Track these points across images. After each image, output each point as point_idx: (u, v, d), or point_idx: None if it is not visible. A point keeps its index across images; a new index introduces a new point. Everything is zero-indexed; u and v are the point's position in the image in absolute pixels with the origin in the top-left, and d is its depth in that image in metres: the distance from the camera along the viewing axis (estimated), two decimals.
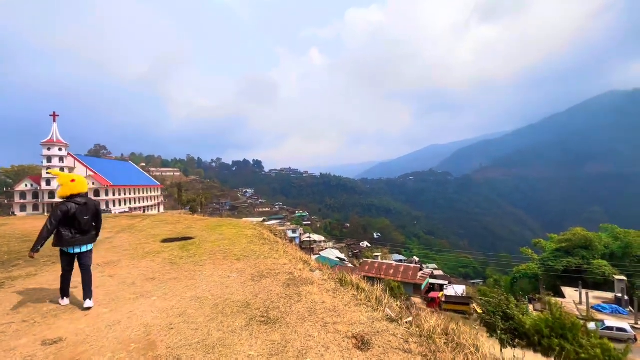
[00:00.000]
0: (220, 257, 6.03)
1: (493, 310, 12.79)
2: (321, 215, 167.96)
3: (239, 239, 7.84)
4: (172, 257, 6.11)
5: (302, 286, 4.13)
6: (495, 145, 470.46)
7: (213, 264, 5.57)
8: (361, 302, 3.80)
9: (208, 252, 6.46)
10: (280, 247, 7.20)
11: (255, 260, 5.70)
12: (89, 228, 4.03)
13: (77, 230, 3.91)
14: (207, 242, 7.53)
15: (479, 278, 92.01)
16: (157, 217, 14.73)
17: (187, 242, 7.62)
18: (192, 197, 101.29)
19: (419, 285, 36.03)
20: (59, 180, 4.14)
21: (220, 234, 8.61)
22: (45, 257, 6.21)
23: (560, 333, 10.66)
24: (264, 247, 6.86)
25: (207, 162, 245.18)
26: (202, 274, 5.01)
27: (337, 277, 5.79)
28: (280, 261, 5.60)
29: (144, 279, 4.85)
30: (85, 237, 3.98)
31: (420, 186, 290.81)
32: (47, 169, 59.84)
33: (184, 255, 6.25)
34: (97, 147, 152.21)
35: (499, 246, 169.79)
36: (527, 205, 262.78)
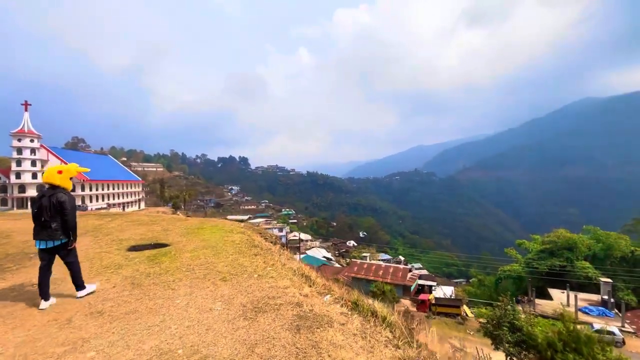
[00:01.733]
0: (200, 274, 4.62)
1: (499, 320, 11.94)
2: (308, 214, 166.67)
3: (225, 246, 6.46)
4: (136, 275, 4.67)
5: (318, 330, 2.81)
6: (477, 147, 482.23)
7: (190, 286, 4.15)
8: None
9: (185, 266, 5.04)
10: (275, 258, 5.89)
11: (246, 280, 4.30)
12: (44, 222, 3.81)
13: (36, 222, 3.85)
14: (185, 251, 6.10)
15: (462, 277, 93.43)
16: (131, 217, 13.05)
17: (159, 250, 6.17)
18: (175, 193, 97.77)
19: (408, 286, 35.40)
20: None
21: (201, 240, 7.19)
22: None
23: (574, 347, 9.89)
24: (256, 259, 5.50)
25: (192, 158, 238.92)
26: (174, 303, 3.58)
27: (350, 300, 4.57)
28: (279, 282, 4.24)
29: (87, 312, 3.41)
30: (42, 231, 3.83)
31: (406, 186, 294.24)
32: (16, 162, 56.00)
33: (152, 271, 4.82)
34: (75, 140, 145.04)
35: (481, 246, 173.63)
36: (507, 206, 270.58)
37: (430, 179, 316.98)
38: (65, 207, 3.90)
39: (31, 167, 57.08)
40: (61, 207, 3.85)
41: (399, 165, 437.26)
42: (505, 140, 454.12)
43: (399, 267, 38.87)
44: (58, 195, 3.92)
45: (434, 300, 31.27)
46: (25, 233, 8.76)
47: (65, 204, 3.90)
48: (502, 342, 11.26)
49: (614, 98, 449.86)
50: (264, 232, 10.93)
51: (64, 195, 3.99)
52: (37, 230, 3.89)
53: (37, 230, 3.89)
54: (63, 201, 3.88)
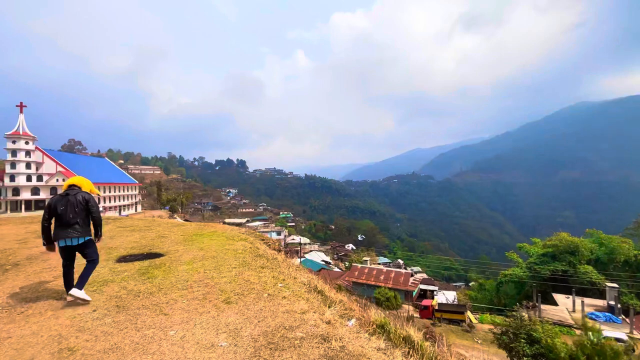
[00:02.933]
0: (199, 293, 3.88)
1: (515, 331, 11.25)
2: (306, 217, 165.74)
3: (226, 256, 5.74)
4: (123, 294, 3.92)
5: None
6: (474, 150, 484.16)
7: (187, 310, 3.40)
8: None
9: (181, 282, 4.30)
10: (284, 270, 5.18)
11: (255, 302, 3.56)
12: (70, 220, 3.88)
13: (59, 222, 3.89)
14: (181, 262, 5.36)
15: (461, 281, 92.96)
16: (124, 222, 12.27)
17: (152, 262, 5.43)
18: (172, 196, 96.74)
19: (410, 292, 34.64)
20: None
21: (200, 249, 6.46)
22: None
23: None
24: (263, 272, 4.78)
25: (190, 161, 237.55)
26: (166, 336, 2.82)
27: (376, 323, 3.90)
28: (295, 305, 3.51)
29: (54, 350, 2.65)
30: (68, 230, 3.86)
31: (404, 189, 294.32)
32: (10, 164, 54.89)
33: (142, 289, 4.07)
34: (72, 143, 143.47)
35: (479, 249, 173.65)
36: (504, 209, 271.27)
37: (427, 182, 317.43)
38: (92, 204, 4.09)
39: (25, 170, 55.96)
40: (87, 204, 4.03)
41: (396, 168, 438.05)
42: (502, 144, 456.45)
43: (401, 272, 38.12)
44: (83, 193, 4.12)
45: (437, 306, 30.51)
46: (7, 241, 7.98)
47: (92, 201, 4.13)
48: (519, 355, 10.58)
49: (609, 102, 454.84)
50: (267, 238, 10.21)
51: (88, 194, 4.21)
52: (61, 230, 3.87)
53: (60, 229, 3.88)
54: (89, 199, 4.09)
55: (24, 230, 9.97)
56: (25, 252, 6.50)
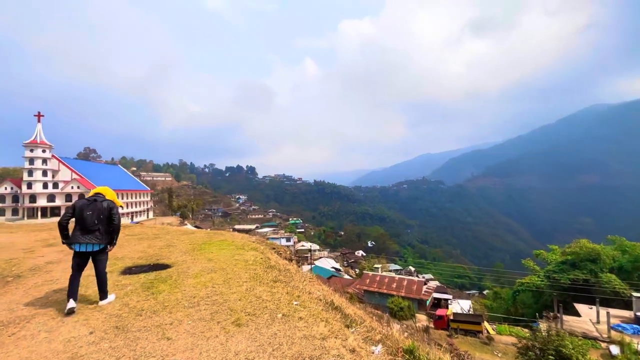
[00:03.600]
0: (206, 313, 3.50)
1: (542, 347, 10.51)
2: (315, 223, 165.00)
3: (236, 269, 5.38)
4: (124, 313, 3.58)
5: None
6: (486, 155, 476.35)
7: (192, 333, 3.02)
8: None
9: (187, 299, 3.94)
10: (298, 284, 4.78)
11: (268, 325, 3.15)
12: (93, 226, 3.95)
13: (80, 226, 3.92)
14: (189, 275, 5.02)
15: (475, 289, 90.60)
16: (134, 229, 12.11)
17: (158, 274, 5.11)
18: (183, 203, 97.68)
19: (424, 300, 33.60)
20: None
21: (208, 259, 6.13)
22: None
23: None
24: (276, 287, 4.39)
25: (200, 168, 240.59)
26: None
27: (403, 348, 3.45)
28: (313, 328, 3.09)
29: None
30: (88, 235, 3.91)
31: (414, 194, 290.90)
32: (28, 172, 56.36)
33: (145, 306, 3.74)
34: (87, 151, 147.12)
35: (492, 256, 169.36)
36: (518, 214, 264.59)
37: (438, 187, 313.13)
38: (115, 213, 4.22)
39: (42, 177, 57.33)
40: (110, 212, 4.14)
41: (406, 174, 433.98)
42: (515, 148, 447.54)
43: (414, 280, 37.09)
44: (108, 201, 4.25)
45: (452, 315, 29.43)
46: (14, 249, 7.83)
47: (115, 209, 4.27)
48: None
49: (626, 104, 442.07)
50: (277, 246, 9.84)
51: (112, 202, 4.31)
52: (81, 234, 3.91)
53: (80, 233, 3.92)
54: (112, 207, 4.22)
55: (33, 238, 9.88)
56: (30, 262, 6.30)
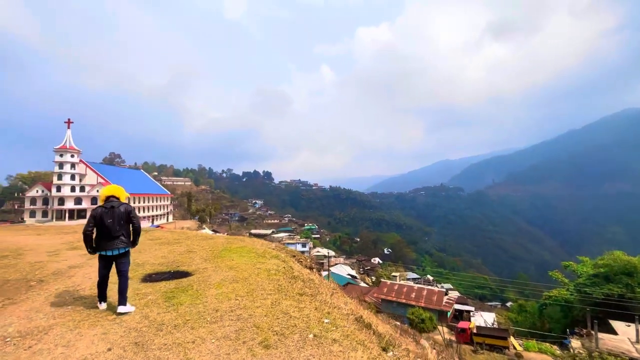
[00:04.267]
0: (230, 330, 3.21)
1: None
2: (330, 229, 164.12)
3: (259, 278, 5.11)
4: (143, 327, 3.36)
5: None
6: (508, 161, 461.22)
7: (216, 355, 2.72)
8: None
9: (209, 312, 3.69)
10: (326, 298, 4.44)
11: (299, 348, 2.76)
12: (117, 232, 4.05)
13: (104, 233, 4.02)
14: (210, 285, 4.79)
15: (497, 300, 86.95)
16: (154, 233, 12.16)
17: (179, 282, 4.92)
18: (201, 207, 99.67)
19: (444, 312, 32.28)
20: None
21: (230, 267, 5.90)
22: None
23: None
24: (303, 302, 4.08)
25: (218, 173, 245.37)
26: None
27: None
28: (351, 355, 2.71)
29: None
30: (114, 240, 4.03)
31: (431, 201, 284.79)
32: (57, 176, 59.00)
33: (165, 319, 3.51)
34: (112, 156, 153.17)
35: (515, 266, 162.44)
36: (543, 223, 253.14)
37: (457, 194, 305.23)
38: (134, 216, 4.29)
39: (70, 181, 59.87)
40: (129, 216, 4.21)
41: (423, 180, 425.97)
42: (539, 154, 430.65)
43: (434, 290, 35.78)
44: (124, 205, 4.26)
45: (475, 329, 28.04)
46: (40, 252, 7.91)
47: (133, 212, 4.30)
48: None
49: None
50: (298, 254, 9.54)
51: (128, 205, 4.32)
52: (106, 240, 4.03)
53: (105, 240, 4.03)
54: (131, 210, 4.26)
55: (59, 240, 10.04)
56: (53, 266, 6.29)
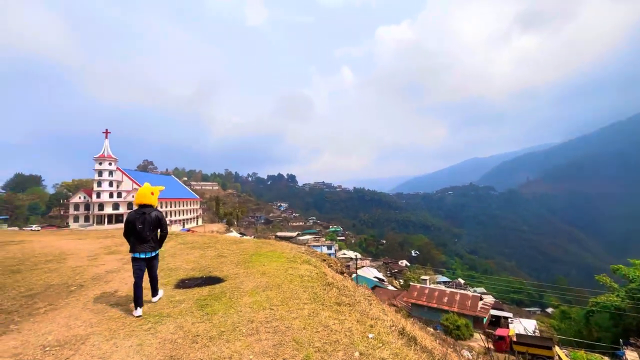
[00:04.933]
0: (268, 345, 2.97)
1: None
2: (355, 231, 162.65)
3: (292, 285, 4.89)
4: (178, 338, 3.20)
5: None
6: (543, 158, 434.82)
7: None
8: None
9: (244, 323, 3.50)
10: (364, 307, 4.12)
11: None
12: (147, 237, 4.44)
13: (136, 237, 4.44)
14: (243, 292, 4.64)
15: (534, 306, 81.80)
16: (185, 237, 12.38)
17: (212, 289, 4.81)
18: (228, 210, 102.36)
19: (480, 318, 30.60)
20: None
21: (262, 273, 5.74)
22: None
23: None
24: (342, 312, 3.79)
25: (244, 177, 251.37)
26: None
27: None
28: None
29: None
30: (144, 244, 4.44)
31: (460, 201, 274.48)
32: (97, 183, 62.86)
33: (200, 330, 3.36)
34: (145, 163, 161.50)
35: (554, 269, 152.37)
36: (584, 223, 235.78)
37: (488, 194, 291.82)
38: (164, 222, 4.66)
39: (108, 187, 63.65)
40: (159, 222, 4.57)
41: (451, 180, 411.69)
42: (578, 149, 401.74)
43: (468, 295, 34.09)
44: (155, 212, 4.61)
45: (515, 337, 26.26)
46: (80, 256, 8.22)
47: (163, 219, 4.66)
48: None
49: None
50: (328, 258, 9.26)
51: (158, 211, 4.68)
52: (139, 244, 4.44)
53: (137, 243, 4.44)
54: (161, 217, 4.63)
55: (98, 245, 10.45)
56: (92, 270, 6.45)
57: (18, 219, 79.59)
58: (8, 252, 8.91)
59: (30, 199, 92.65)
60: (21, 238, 12.78)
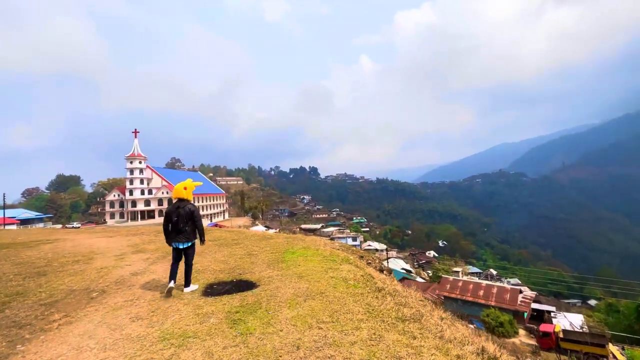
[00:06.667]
0: None
1: None
2: (379, 222, 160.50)
3: (338, 293, 4.08)
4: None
5: None
6: (580, 140, 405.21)
7: None
8: None
9: (289, 350, 2.64)
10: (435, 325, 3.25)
11: None
12: (181, 228, 4.85)
13: (172, 229, 4.90)
14: (281, 301, 3.88)
15: (574, 298, 77.04)
16: (213, 233, 11.97)
17: (244, 298, 4.10)
18: (253, 204, 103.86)
19: (520, 312, 28.72)
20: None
21: (298, 275, 5.01)
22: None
23: None
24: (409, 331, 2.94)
25: (267, 171, 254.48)
26: None
27: None
28: None
29: None
30: (179, 235, 4.86)
31: (489, 189, 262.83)
32: (129, 181, 65.49)
33: (234, 354, 2.65)
34: (173, 160, 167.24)
35: (595, 259, 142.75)
36: (629, 210, 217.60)
37: (519, 181, 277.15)
38: (196, 215, 4.97)
39: (140, 185, 66.18)
40: (192, 215, 4.90)
41: (479, 167, 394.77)
42: (620, 129, 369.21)
43: (506, 288, 32.09)
44: (189, 206, 4.96)
45: (561, 333, 24.29)
46: (108, 256, 7.90)
47: (196, 212, 4.97)
48: None
49: None
50: (365, 254, 8.42)
51: (192, 205, 5.02)
52: (174, 235, 4.86)
53: (173, 235, 4.87)
54: (193, 210, 4.94)
55: (126, 242, 10.23)
56: (117, 272, 6.02)
57: (62, 217, 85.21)
58: (40, 251, 8.82)
59: (72, 198, 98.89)
60: (57, 236, 12.94)
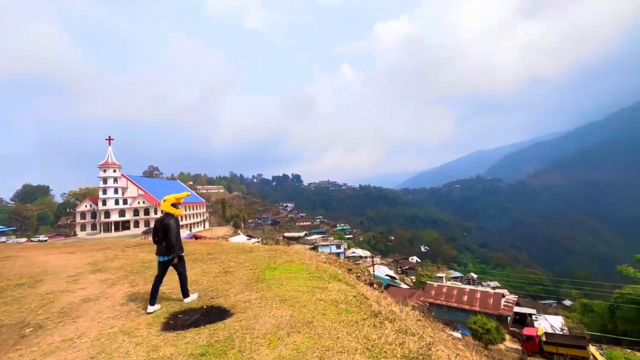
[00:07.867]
0: None
1: None
2: (362, 228, 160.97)
3: (328, 321, 3.42)
4: None
5: None
6: (550, 147, 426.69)
7: None
8: None
9: None
10: None
11: None
12: (158, 241, 4.95)
13: (155, 242, 5.04)
14: (259, 336, 3.11)
15: (550, 299, 79.65)
16: (187, 247, 10.98)
17: (214, 331, 3.34)
18: (235, 212, 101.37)
19: (503, 317, 28.89)
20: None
21: (281, 298, 4.31)
22: None
23: None
24: None
25: (249, 178, 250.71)
26: None
27: None
28: None
29: None
30: (158, 248, 4.94)
31: (467, 194, 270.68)
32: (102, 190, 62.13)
33: None
34: (151, 168, 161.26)
35: (568, 260, 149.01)
36: (599, 213, 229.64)
37: (496, 186, 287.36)
38: (168, 230, 4.90)
39: (114, 195, 62.91)
40: (165, 229, 4.90)
41: (457, 173, 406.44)
42: (587, 136, 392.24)
43: (489, 292, 32.36)
44: (165, 219, 5.00)
45: (544, 336, 24.53)
46: (60, 277, 6.86)
47: (168, 227, 4.91)
48: None
49: None
50: (354, 267, 7.78)
51: (169, 220, 4.99)
52: (157, 249, 4.96)
53: (158, 247, 4.97)
54: (166, 224, 4.94)
55: (87, 260, 9.12)
56: (65, 298, 5.10)
57: (27, 229, 79.47)
58: None
59: (39, 209, 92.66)
60: (8, 253, 11.53)
